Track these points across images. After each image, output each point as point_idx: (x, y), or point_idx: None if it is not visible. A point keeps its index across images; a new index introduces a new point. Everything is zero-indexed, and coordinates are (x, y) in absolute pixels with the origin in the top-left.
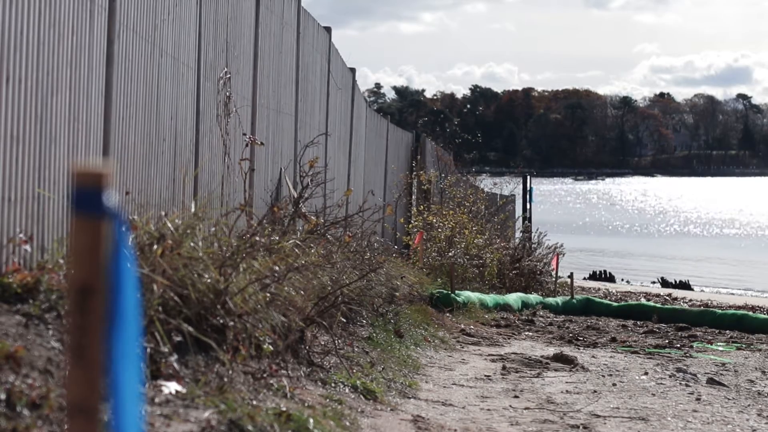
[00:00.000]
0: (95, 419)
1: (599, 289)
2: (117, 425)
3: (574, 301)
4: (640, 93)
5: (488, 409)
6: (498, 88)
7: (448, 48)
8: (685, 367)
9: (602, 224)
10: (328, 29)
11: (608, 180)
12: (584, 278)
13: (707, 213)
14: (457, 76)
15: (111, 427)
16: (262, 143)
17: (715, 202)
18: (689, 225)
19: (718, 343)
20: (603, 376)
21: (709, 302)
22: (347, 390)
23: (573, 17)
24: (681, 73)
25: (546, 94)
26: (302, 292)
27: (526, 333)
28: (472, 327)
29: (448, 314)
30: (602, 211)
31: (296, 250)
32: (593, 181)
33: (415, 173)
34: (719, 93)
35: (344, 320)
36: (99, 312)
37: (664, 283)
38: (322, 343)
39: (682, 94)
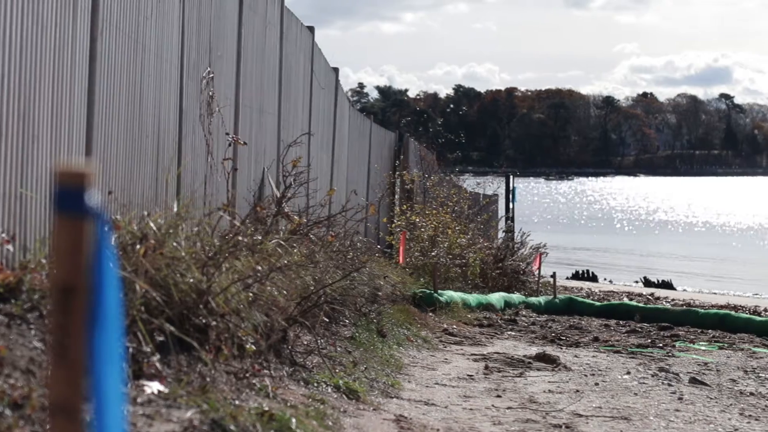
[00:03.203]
0: (77, 419)
1: (582, 288)
2: (99, 425)
3: (556, 300)
4: (621, 93)
5: (471, 409)
6: (480, 88)
7: (430, 48)
8: (667, 367)
9: (571, 222)
10: (311, 29)
11: (579, 179)
12: (567, 278)
13: (683, 212)
14: (438, 75)
15: (93, 427)
16: (245, 143)
17: (698, 202)
18: (668, 224)
19: (701, 343)
20: (585, 375)
21: (692, 302)
22: (330, 390)
23: (553, 17)
24: (661, 73)
25: (529, 93)
26: (285, 291)
27: (509, 332)
28: (454, 326)
29: (431, 314)
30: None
31: (279, 250)
32: (564, 181)
33: (398, 173)
34: (699, 93)
35: (327, 320)
36: (81, 312)
37: (647, 283)
38: (305, 342)
39: (662, 94)
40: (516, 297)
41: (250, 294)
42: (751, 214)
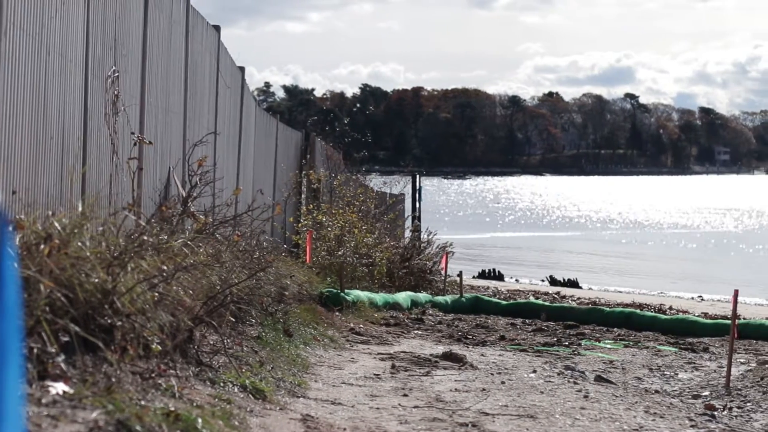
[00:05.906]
0: None
1: (488, 287)
2: None
3: (463, 299)
4: (526, 92)
5: (377, 408)
6: (386, 88)
7: (335, 47)
8: (573, 365)
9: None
10: (217, 28)
11: (480, 178)
12: (473, 276)
13: (587, 211)
14: (342, 75)
15: None
16: (150, 142)
17: (601, 201)
18: (572, 222)
19: (606, 341)
20: (492, 374)
21: (597, 300)
22: (236, 389)
23: (457, 17)
24: (565, 73)
25: (435, 93)
26: (191, 291)
27: (416, 332)
28: (361, 326)
29: (337, 313)
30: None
31: (185, 250)
32: (459, 180)
33: (304, 172)
34: (603, 92)
35: (233, 320)
36: None
37: (553, 281)
38: (211, 342)
39: (566, 93)
40: (423, 296)
41: (156, 294)
42: (654, 212)
